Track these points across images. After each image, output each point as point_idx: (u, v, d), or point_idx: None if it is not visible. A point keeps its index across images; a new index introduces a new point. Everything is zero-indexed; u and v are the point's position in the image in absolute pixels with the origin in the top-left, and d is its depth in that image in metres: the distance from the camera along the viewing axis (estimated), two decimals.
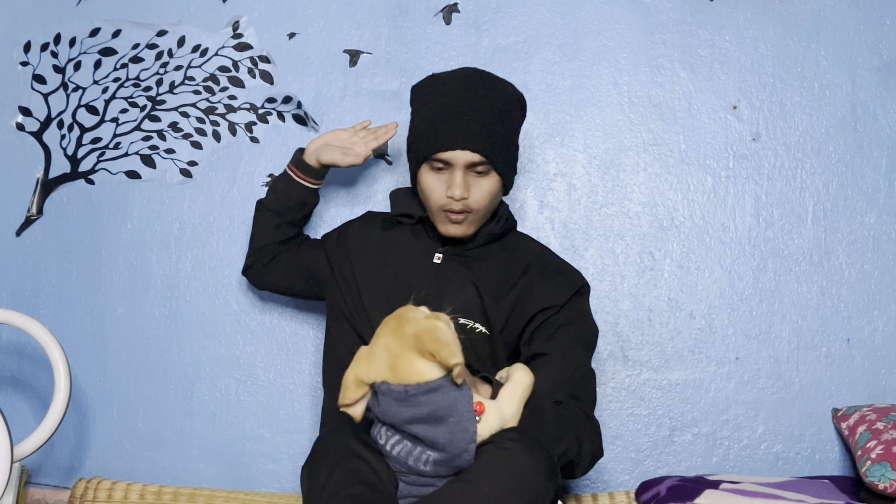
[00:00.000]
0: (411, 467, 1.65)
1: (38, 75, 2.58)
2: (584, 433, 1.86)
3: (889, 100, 2.41)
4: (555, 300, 1.95)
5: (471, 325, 1.92)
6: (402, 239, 2.04)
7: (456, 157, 1.86)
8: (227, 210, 2.51)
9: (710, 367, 2.40)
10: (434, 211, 1.94)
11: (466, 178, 1.87)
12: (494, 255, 2.00)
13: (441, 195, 1.90)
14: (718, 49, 2.44)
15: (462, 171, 1.87)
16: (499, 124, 1.88)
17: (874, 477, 2.05)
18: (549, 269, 2.00)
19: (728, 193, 2.43)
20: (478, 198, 1.90)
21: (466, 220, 1.92)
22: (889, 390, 2.36)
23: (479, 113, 1.87)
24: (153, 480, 2.41)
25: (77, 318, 2.53)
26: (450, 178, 1.88)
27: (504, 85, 1.96)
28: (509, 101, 1.94)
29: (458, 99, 1.88)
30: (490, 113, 1.88)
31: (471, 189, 1.88)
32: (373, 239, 2.08)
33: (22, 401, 2.55)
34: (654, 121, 2.44)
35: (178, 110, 2.54)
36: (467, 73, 1.95)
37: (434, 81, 1.96)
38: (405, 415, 1.62)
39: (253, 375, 2.48)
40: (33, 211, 2.57)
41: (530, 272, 1.98)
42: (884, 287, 2.38)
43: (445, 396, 1.62)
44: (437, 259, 1.98)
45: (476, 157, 1.86)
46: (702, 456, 2.38)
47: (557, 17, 2.47)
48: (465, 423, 1.63)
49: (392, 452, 1.66)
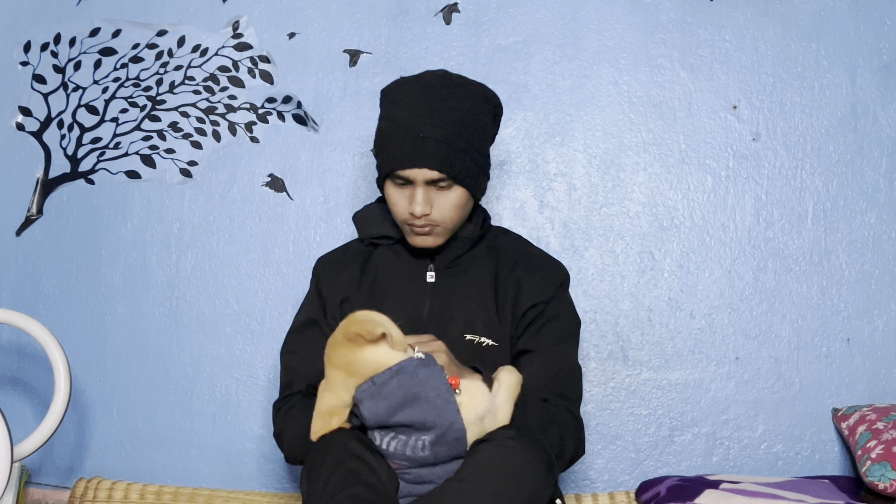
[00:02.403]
0: (412, 457, 1.65)
1: (38, 75, 2.58)
2: (567, 431, 1.86)
3: (889, 100, 2.41)
4: (542, 296, 1.93)
5: (478, 341, 1.89)
6: (386, 264, 1.96)
7: (414, 174, 1.80)
8: (227, 210, 2.51)
9: (710, 367, 2.40)
10: (400, 224, 1.89)
11: (428, 194, 1.82)
12: (481, 259, 1.96)
13: (404, 209, 1.85)
14: (718, 49, 2.44)
15: (423, 188, 1.82)
16: (459, 137, 1.81)
17: (874, 477, 2.05)
18: (532, 263, 1.98)
19: (728, 193, 2.43)
20: (443, 211, 1.84)
21: (434, 231, 1.86)
22: (889, 390, 2.36)
23: (437, 127, 1.80)
24: (153, 480, 2.41)
25: (77, 318, 2.53)
26: (411, 195, 1.83)
27: (470, 89, 1.87)
28: (474, 107, 1.85)
29: (415, 113, 1.81)
30: (448, 126, 1.80)
31: (434, 203, 1.83)
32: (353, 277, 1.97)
33: (22, 401, 2.55)
34: (654, 121, 2.44)
35: (178, 110, 2.54)
36: (428, 81, 1.86)
37: (397, 89, 1.88)
38: (384, 408, 1.63)
39: (253, 375, 2.48)
40: (33, 211, 2.57)
41: (516, 268, 1.96)
42: (884, 287, 2.38)
43: (413, 376, 1.63)
44: (430, 278, 1.93)
45: (434, 174, 1.80)
46: (702, 456, 2.38)
47: (557, 17, 2.47)
48: (445, 394, 1.63)
49: (389, 450, 1.67)
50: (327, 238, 2.46)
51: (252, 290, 2.49)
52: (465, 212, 1.89)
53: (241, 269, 2.50)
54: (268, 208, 2.51)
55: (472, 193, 1.87)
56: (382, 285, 1.93)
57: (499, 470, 1.60)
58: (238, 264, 2.50)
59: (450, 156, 1.80)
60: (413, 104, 1.83)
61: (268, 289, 2.49)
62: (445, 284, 1.92)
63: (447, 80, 1.87)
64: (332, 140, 2.50)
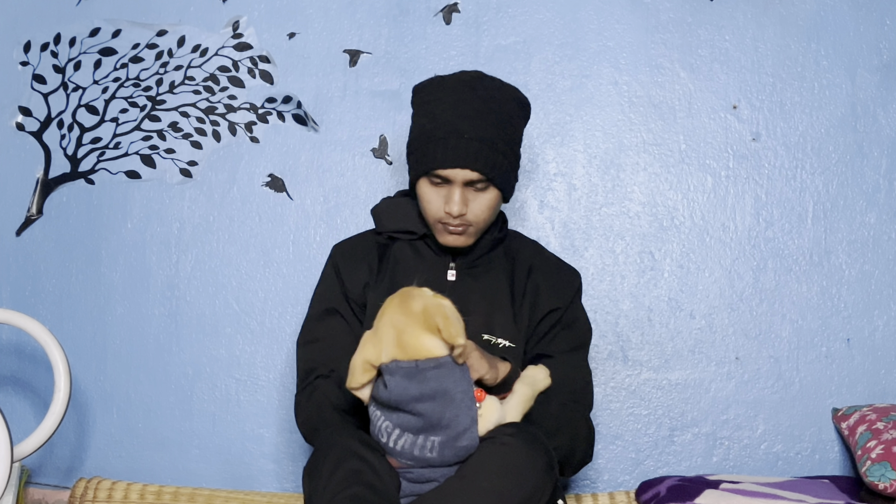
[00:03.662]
0: (418, 457, 1.65)
1: (38, 75, 2.58)
2: (580, 436, 1.88)
3: (889, 100, 2.41)
4: (559, 301, 1.95)
5: (494, 341, 1.89)
6: (406, 259, 1.95)
7: (455, 174, 1.81)
8: (227, 210, 2.51)
9: (710, 367, 2.40)
10: (432, 223, 1.90)
11: (465, 194, 1.83)
12: (499, 261, 1.97)
13: (439, 209, 1.85)
14: (718, 49, 2.44)
15: (460, 188, 1.82)
16: (499, 139, 1.82)
17: (874, 477, 2.05)
18: (548, 268, 1.99)
19: (728, 193, 2.43)
20: (477, 212, 1.85)
21: (466, 231, 1.87)
22: (889, 390, 2.36)
23: (479, 129, 1.81)
24: (153, 480, 2.41)
25: (77, 318, 2.53)
26: (448, 194, 1.83)
27: (507, 91, 1.89)
28: (511, 110, 1.87)
29: (458, 114, 1.82)
30: (490, 129, 1.82)
31: (470, 204, 1.84)
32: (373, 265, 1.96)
33: (22, 401, 2.55)
34: (654, 121, 2.44)
35: (178, 110, 2.54)
36: (468, 82, 1.86)
37: (435, 88, 1.88)
38: (414, 391, 1.63)
39: (253, 375, 2.48)
40: (33, 211, 2.57)
41: (534, 273, 1.97)
42: (884, 287, 2.38)
43: (451, 373, 1.65)
44: (451, 276, 1.93)
45: (475, 175, 1.81)
46: (702, 456, 2.38)
47: (557, 17, 2.47)
48: (469, 401, 1.65)
49: (396, 448, 1.67)
50: (327, 238, 2.46)
51: (252, 290, 2.49)
52: (496, 213, 1.91)
53: (241, 269, 2.50)
54: (268, 208, 2.50)
55: (504, 195, 1.88)
56: (402, 278, 1.91)
57: (499, 468, 1.60)
58: (238, 264, 2.50)
59: (491, 158, 1.81)
60: (453, 105, 1.83)
61: (268, 289, 2.49)
62: (465, 284, 1.93)
63: (485, 82, 1.87)
64: (332, 140, 2.50)
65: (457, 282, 1.92)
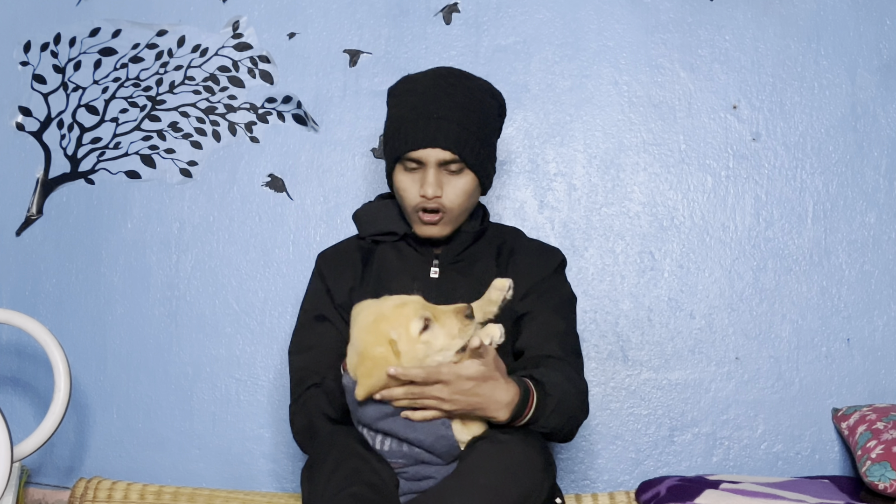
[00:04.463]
0: (408, 454, 1.67)
1: (38, 75, 2.58)
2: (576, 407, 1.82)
3: (889, 100, 2.41)
4: (538, 277, 1.95)
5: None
6: (389, 261, 1.96)
7: (427, 155, 1.83)
8: (227, 210, 2.51)
9: (710, 367, 2.40)
10: (409, 212, 1.90)
11: (439, 177, 1.84)
12: (483, 252, 1.98)
13: (415, 195, 1.86)
14: (718, 49, 2.44)
15: (434, 170, 1.84)
16: (470, 122, 1.84)
17: (874, 477, 2.05)
18: (529, 249, 2.00)
19: (728, 193, 2.43)
20: (452, 196, 1.86)
21: (442, 220, 1.88)
22: (889, 390, 2.36)
23: (449, 110, 1.83)
24: (153, 480, 2.41)
25: (77, 318, 2.53)
26: (423, 177, 1.85)
27: (478, 82, 1.92)
28: (483, 98, 1.90)
29: (428, 98, 1.85)
30: (461, 111, 1.84)
31: (444, 187, 1.85)
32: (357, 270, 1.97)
33: (22, 401, 2.55)
34: (654, 121, 2.44)
35: (178, 110, 2.54)
36: (439, 72, 1.92)
37: (406, 82, 1.93)
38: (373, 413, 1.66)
39: (253, 375, 2.48)
40: (33, 211, 2.57)
41: (515, 255, 1.98)
42: (884, 287, 2.38)
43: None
44: (434, 274, 1.94)
45: (447, 154, 1.82)
46: (702, 456, 2.38)
47: (557, 17, 2.47)
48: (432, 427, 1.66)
49: (385, 449, 1.69)
50: (327, 238, 2.46)
51: (252, 290, 2.49)
52: (473, 201, 1.91)
53: (241, 269, 2.50)
54: (268, 208, 2.50)
55: (480, 181, 1.89)
56: (387, 281, 1.92)
57: (496, 465, 1.61)
58: (238, 264, 2.50)
59: (462, 137, 1.83)
60: (424, 91, 1.86)
61: (268, 289, 2.49)
62: (450, 280, 1.93)
63: (455, 72, 1.92)
64: (332, 140, 2.50)
65: (440, 278, 1.93)
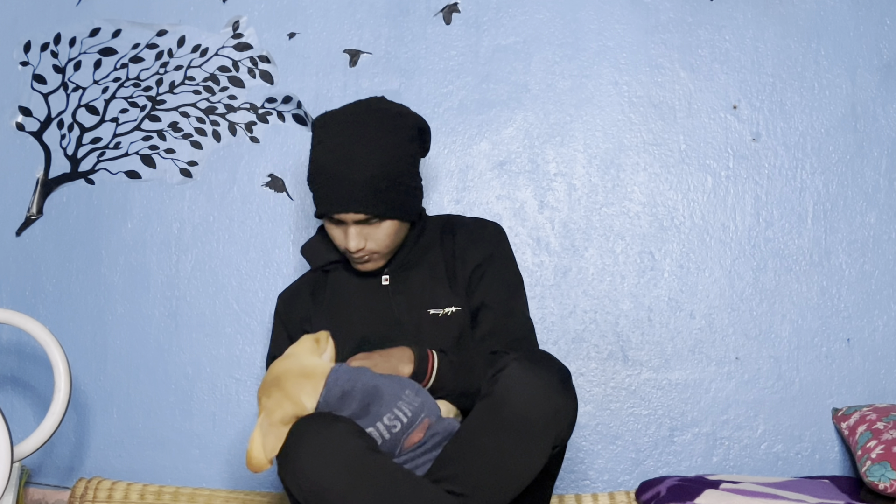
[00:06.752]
0: (397, 435, 1.69)
1: (38, 75, 2.58)
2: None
3: (889, 100, 2.41)
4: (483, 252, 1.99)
5: (442, 313, 1.95)
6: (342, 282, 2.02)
7: (345, 216, 1.88)
8: (227, 210, 2.51)
9: (710, 367, 2.40)
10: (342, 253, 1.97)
11: (360, 231, 1.89)
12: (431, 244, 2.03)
13: (342, 244, 1.93)
14: (718, 49, 2.44)
15: (354, 227, 1.89)
16: (384, 177, 1.86)
17: (874, 477, 2.05)
18: (468, 227, 2.04)
19: (728, 193, 2.43)
20: (377, 242, 1.91)
21: (373, 259, 1.94)
22: (889, 390, 2.36)
23: (361, 171, 1.85)
24: (153, 480, 2.41)
25: (77, 318, 2.53)
26: (345, 232, 1.90)
27: (396, 121, 1.91)
28: (399, 141, 1.90)
29: (340, 159, 1.86)
30: (373, 168, 1.85)
31: (368, 238, 1.90)
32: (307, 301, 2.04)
33: (22, 401, 2.55)
34: (654, 121, 2.44)
35: (178, 110, 2.54)
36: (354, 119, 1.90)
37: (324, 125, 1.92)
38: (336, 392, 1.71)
39: (253, 375, 2.48)
40: (33, 211, 2.57)
41: (456, 235, 2.02)
42: (884, 287, 2.38)
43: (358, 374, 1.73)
44: (384, 281, 1.99)
45: (361, 215, 1.87)
46: (702, 456, 2.38)
47: (557, 17, 2.47)
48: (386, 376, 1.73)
49: (386, 437, 1.70)
50: None
51: (252, 290, 2.49)
52: (400, 237, 1.95)
53: (241, 269, 2.50)
54: (268, 208, 2.51)
55: (403, 220, 1.93)
56: (343, 300, 2.00)
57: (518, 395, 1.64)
58: (238, 264, 2.50)
59: (374, 197, 1.86)
60: (338, 147, 1.87)
61: (268, 289, 2.49)
62: (400, 281, 1.99)
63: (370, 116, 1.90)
64: None
65: (391, 284, 1.98)
